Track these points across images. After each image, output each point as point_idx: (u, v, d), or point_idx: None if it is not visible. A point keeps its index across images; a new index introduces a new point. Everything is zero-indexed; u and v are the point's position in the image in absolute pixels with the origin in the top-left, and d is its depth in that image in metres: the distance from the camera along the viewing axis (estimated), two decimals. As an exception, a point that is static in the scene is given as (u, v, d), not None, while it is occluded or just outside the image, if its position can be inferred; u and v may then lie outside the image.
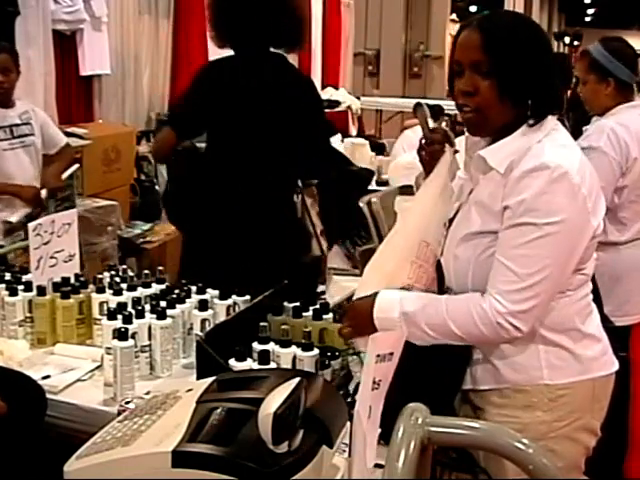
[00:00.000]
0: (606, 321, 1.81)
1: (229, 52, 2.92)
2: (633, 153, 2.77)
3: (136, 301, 2.16)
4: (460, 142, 1.84)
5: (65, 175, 3.91)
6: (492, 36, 1.62)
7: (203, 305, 2.15)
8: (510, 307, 1.56)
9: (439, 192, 1.75)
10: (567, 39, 21.85)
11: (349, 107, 8.48)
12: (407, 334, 1.54)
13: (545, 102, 1.65)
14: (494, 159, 1.64)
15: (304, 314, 2.11)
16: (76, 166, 4.04)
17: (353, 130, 8.46)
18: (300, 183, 3.02)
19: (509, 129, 1.65)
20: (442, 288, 1.78)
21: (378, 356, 1.30)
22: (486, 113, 1.64)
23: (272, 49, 2.85)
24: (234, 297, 2.24)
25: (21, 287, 2.30)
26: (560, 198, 1.55)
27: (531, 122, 1.63)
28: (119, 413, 1.62)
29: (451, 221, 1.77)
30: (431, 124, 1.82)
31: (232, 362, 1.79)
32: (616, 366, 1.76)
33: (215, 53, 7.31)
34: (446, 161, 1.76)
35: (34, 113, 3.80)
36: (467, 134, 1.78)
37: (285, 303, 2.19)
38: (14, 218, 3.54)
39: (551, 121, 1.66)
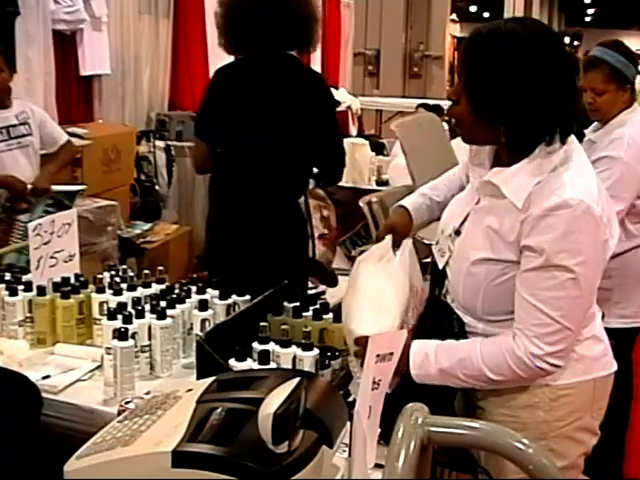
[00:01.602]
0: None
1: (226, 56, 2.96)
2: None
3: (136, 301, 2.16)
4: (457, 144, 1.84)
5: (61, 188, 3.80)
6: (471, 50, 1.57)
7: (203, 305, 2.15)
8: (548, 349, 1.56)
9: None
10: (567, 39, 21.85)
11: (349, 107, 8.48)
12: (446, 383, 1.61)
13: (526, 130, 1.56)
14: (509, 189, 1.58)
15: (304, 314, 2.11)
16: (82, 187, 3.97)
17: (353, 130, 8.46)
18: (311, 184, 3.08)
19: (504, 146, 1.61)
20: (440, 292, 1.78)
21: (378, 356, 1.30)
22: (463, 126, 1.63)
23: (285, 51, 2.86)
24: (234, 297, 2.24)
25: (21, 287, 2.30)
26: (586, 235, 1.53)
27: (526, 149, 1.58)
28: (119, 413, 1.62)
29: (458, 232, 1.74)
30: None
31: (232, 362, 1.79)
32: (615, 366, 1.76)
33: (215, 53, 7.32)
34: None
35: (32, 112, 3.78)
36: None
37: (285, 303, 2.19)
38: None
39: (566, 145, 1.59)
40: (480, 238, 1.66)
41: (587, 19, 27.67)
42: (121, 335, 1.93)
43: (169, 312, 2.08)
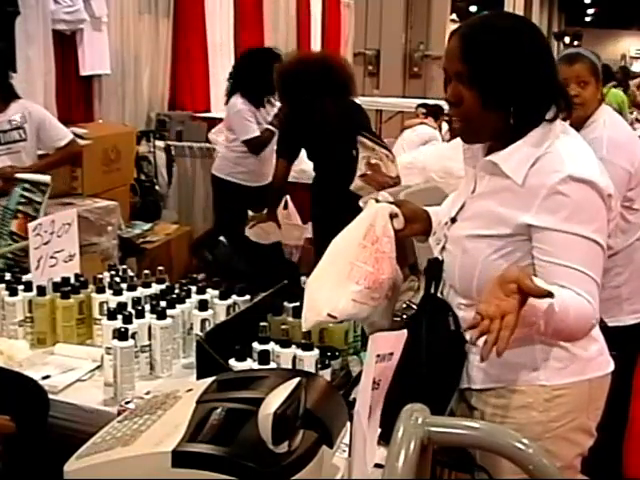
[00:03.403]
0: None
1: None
2: (637, 155, 2.75)
3: (136, 301, 2.17)
4: (458, 145, 1.84)
5: (25, 176, 3.57)
6: (471, 45, 1.60)
7: (203, 305, 2.15)
8: (596, 306, 1.57)
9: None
10: (567, 39, 21.85)
11: (349, 107, 8.46)
12: (528, 328, 1.50)
13: (531, 109, 1.62)
14: (507, 166, 1.62)
15: (304, 314, 2.11)
16: (45, 178, 3.64)
17: (353, 130, 8.44)
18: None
19: (506, 134, 1.63)
20: (436, 289, 1.78)
21: (378, 356, 1.30)
22: (473, 123, 1.64)
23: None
24: (234, 297, 2.24)
25: (21, 287, 2.30)
26: (595, 205, 1.57)
27: (529, 129, 1.61)
28: (119, 413, 1.62)
29: (453, 219, 1.76)
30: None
31: (232, 362, 1.79)
32: (612, 366, 1.76)
33: (214, 53, 7.32)
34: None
35: (29, 116, 3.68)
36: None
37: (285, 303, 2.19)
38: None
39: (558, 124, 1.64)
40: (477, 218, 1.69)
41: (587, 19, 27.72)
42: (121, 335, 1.93)
43: (169, 312, 2.08)
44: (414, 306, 2.12)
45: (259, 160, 4.70)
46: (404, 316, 2.05)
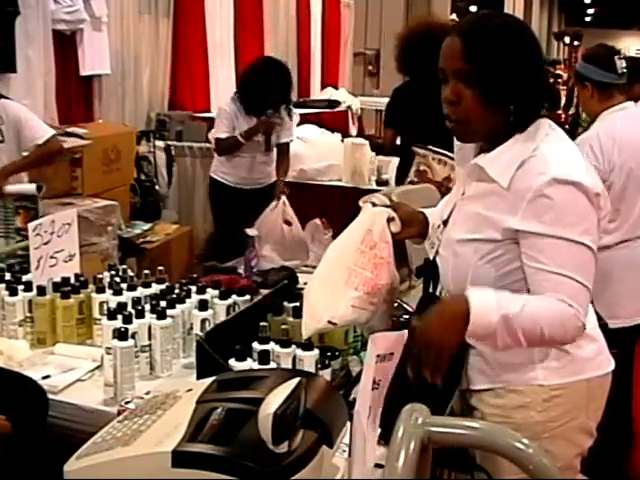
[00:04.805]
0: (599, 319, 1.81)
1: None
2: (614, 160, 2.76)
3: (136, 301, 2.17)
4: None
5: (12, 189, 3.54)
6: (473, 43, 1.59)
7: (203, 305, 2.15)
8: (582, 309, 1.57)
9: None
10: (567, 39, 21.83)
11: (349, 107, 8.48)
12: (497, 341, 1.54)
13: (529, 106, 1.63)
14: (493, 169, 1.62)
15: (304, 314, 2.11)
16: (31, 187, 3.61)
17: (353, 130, 8.46)
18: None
19: (500, 132, 1.63)
20: (435, 290, 1.78)
21: (378, 356, 1.30)
22: (471, 122, 1.63)
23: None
24: (234, 297, 2.24)
25: (21, 287, 2.30)
26: (582, 206, 1.56)
27: (524, 127, 1.62)
28: (119, 413, 1.62)
29: (445, 222, 1.76)
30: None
31: (232, 362, 1.79)
32: (612, 365, 1.76)
33: (214, 53, 7.31)
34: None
35: (7, 117, 3.57)
36: None
37: (285, 303, 2.19)
38: None
39: (544, 123, 1.65)
40: (465, 222, 1.69)
41: (587, 19, 27.71)
42: (121, 335, 1.93)
43: (169, 312, 2.08)
44: (406, 306, 2.13)
45: (238, 162, 4.57)
46: (402, 317, 2.05)
